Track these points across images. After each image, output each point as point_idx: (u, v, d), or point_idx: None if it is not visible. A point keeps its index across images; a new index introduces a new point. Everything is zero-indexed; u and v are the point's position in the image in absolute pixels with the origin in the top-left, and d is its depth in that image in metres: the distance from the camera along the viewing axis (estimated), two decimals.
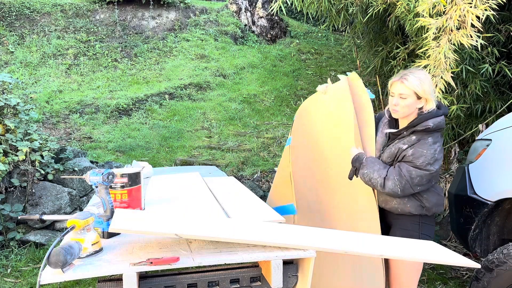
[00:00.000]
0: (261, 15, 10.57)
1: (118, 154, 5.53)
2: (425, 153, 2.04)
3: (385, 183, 2.09)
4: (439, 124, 2.08)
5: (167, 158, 5.49)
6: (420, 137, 2.09)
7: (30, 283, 3.23)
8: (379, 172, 2.12)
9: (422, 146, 2.06)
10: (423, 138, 2.08)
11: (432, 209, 2.14)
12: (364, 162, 2.18)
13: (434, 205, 2.14)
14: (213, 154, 5.55)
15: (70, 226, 1.45)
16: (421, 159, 2.04)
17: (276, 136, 6.08)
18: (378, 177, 2.10)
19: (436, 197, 2.15)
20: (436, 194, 2.17)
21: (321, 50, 10.14)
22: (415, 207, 2.14)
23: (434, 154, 2.04)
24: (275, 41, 10.53)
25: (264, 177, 4.77)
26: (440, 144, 2.10)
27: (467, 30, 2.94)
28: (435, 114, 2.09)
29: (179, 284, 1.52)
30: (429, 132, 2.08)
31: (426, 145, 2.05)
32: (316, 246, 1.55)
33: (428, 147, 2.05)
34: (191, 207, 2.16)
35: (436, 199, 2.15)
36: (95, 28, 9.04)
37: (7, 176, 3.78)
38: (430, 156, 2.03)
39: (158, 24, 9.63)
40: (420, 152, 2.05)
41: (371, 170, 2.14)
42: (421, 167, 2.03)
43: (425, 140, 2.07)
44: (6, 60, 7.68)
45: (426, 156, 2.03)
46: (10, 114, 3.92)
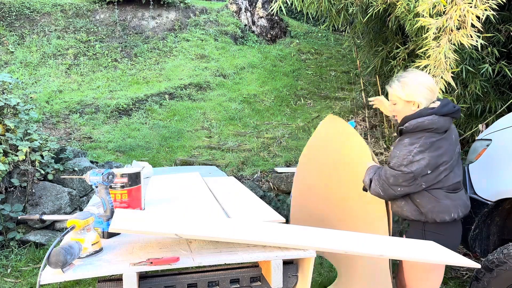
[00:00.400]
0: (261, 15, 10.57)
1: (118, 154, 5.53)
2: (398, 154, 2.02)
3: (370, 186, 2.14)
4: (420, 125, 1.99)
5: (167, 158, 5.49)
6: (400, 138, 2.09)
7: (30, 283, 3.23)
8: (367, 176, 2.17)
9: (397, 147, 2.06)
10: (401, 139, 2.08)
11: (429, 215, 2.04)
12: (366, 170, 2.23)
13: (430, 211, 2.04)
14: (213, 154, 5.55)
15: (70, 226, 1.45)
16: (394, 160, 2.03)
17: (276, 136, 6.08)
18: (367, 180, 2.15)
19: (433, 203, 2.03)
20: (434, 200, 2.04)
21: (321, 50, 10.14)
22: (411, 212, 2.09)
23: (408, 155, 1.97)
24: (275, 41, 10.53)
25: (264, 177, 4.76)
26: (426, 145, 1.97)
27: (467, 30, 2.94)
28: (418, 114, 2.02)
29: (179, 284, 1.52)
30: (407, 133, 2.06)
31: (400, 146, 2.04)
32: (316, 246, 1.55)
33: (402, 148, 2.02)
34: (191, 207, 2.16)
35: (432, 205, 2.03)
36: (95, 28, 9.03)
37: (7, 176, 3.78)
38: (403, 157, 1.99)
39: (158, 24, 9.63)
40: (394, 153, 2.06)
41: (366, 175, 2.19)
42: (394, 167, 2.02)
43: (402, 141, 2.05)
44: (6, 60, 7.68)
45: (398, 157, 2.02)
46: (10, 114, 3.92)
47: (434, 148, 1.99)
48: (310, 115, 6.94)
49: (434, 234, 2.07)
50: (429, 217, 2.05)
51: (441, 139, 2.02)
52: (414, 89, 2.03)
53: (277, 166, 5.01)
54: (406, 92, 2.05)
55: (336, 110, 7.01)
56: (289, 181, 4.55)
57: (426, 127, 1.99)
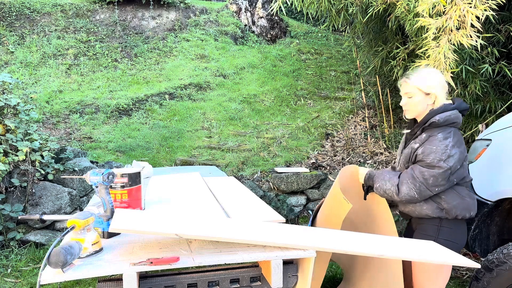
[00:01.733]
0: (261, 15, 10.57)
1: (118, 154, 5.53)
2: (435, 149, 1.96)
3: (399, 190, 2.03)
4: (449, 119, 2.01)
5: (167, 158, 5.49)
6: (430, 134, 2.03)
7: (30, 283, 3.23)
8: (391, 181, 2.07)
9: (431, 142, 1.99)
10: (432, 134, 2.01)
11: (452, 212, 2.03)
12: (375, 178, 2.16)
13: (454, 208, 2.03)
14: (213, 154, 5.55)
15: (70, 226, 1.45)
16: (431, 156, 1.96)
17: (276, 136, 6.08)
18: (391, 186, 2.05)
19: (457, 200, 2.04)
20: (459, 196, 2.04)
21: (321, 50, 10.13)
22: (432, 210, 2.06)
23: (446, 150, 1.95)
24: (275, 41, 10.52)
25: (264, 177, 4.77)
26: (455, 140, 2.00)
27: (467, 30, 2.94)
28: (444, 108, 2.04)
29: (179, 284, 1.52)
30: (437, 127, 2.02)
31: (435, 141, 1.98)
32: (316, 246, 1.56)
33: (437, 143, 1.97)
34: (191, 207, 2.17)
35: (457, 202, 2.03)
36: (95, 28, 9.04)
37: (7, 176, 3.78)
38: (441, 151, 1.94)
39: (158, 24, 9.63)
40: (430, 149, 1.98)
41: (382, 182, 2.10)
42: (432, 164, 1.95)
43: (434, 136, 2.00)
44: (6, 60, 7.68)
45: (436, 152, 1.95)
46: (10, 114, 3.92)
47: (460, 142, 2.02)
48: (310, 115, 6.94)
49: (449, 230, 2.07)
50: (452, 213, 2.04)
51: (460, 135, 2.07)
52: (435, 82, 2.05)
53: (277, 166, 5.01)
54: (428, 84, 2.04)
55: (336, 110, 7.01)
56: (289, 181, 4.55)
57: (453, 121, 2.02)
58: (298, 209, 4.57)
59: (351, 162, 5.25)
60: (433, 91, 2.04)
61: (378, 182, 2.13)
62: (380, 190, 2.12)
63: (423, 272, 2.12)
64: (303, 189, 4.62)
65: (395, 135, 5.55)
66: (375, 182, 2.16)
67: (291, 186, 4.55)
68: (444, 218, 2.07)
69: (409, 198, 2.03)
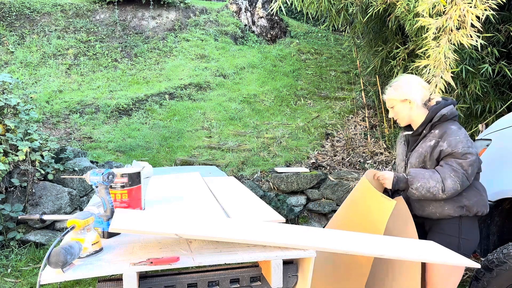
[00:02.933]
0: (261, 15, 10.57)
1: (118, 154, 5.53)
2: (459, 139, 1.99)
3: (445, 186, 1.98)
4: (453, 112, 2.09)
5: (167, 158, 5.49)
6: (444, 128, 2.06)
7: (30, 283, 3.23)
8: (433, 178, 2.01)
9: (451, 134, 2.02)
10: (447, 127, 2.05)
11: (473, 209, 2.03)
12: (410, 178, 2.06)
13: (475, 204, 2.03)
14: (213, 154, 5.55)
15: (70, 226, 1.45)
16: (460, 146, 1.98)
17: (276, 136, 6.08)
18: (436, 183, 1.99)
19: (478, 196, 2.05)
20: (478, 193, 2.06)
21: (321, 50, 10.13)
22: (454, 209, 2.04)
23: (467, 137, 2.01)
24: (275, 41, 10.52)
25: (264, 177, 4.76)
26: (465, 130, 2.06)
27: (467, 30, 2.94)
28: (444, 104, 2.11)
29: (179, 284, 1.52)
30: (448, 120, 2.08)
31: (454, 132, 2.02)
32: (316, 246, 1.55)
33: (457, 132, 2.02)
34: (191, 207, 2.16)
35: (477, 198, 2.04)
36: (95, 28, 9.03)
37: (7, 176, 3.78)
38: (465, 139, 1.99)
39: (158, 24, 9.63)
40: (455, 139, 2.00)
41: (424, 180, 2.02)
42: (464, 152, 1.97)
43: (450, 129, 2.04)
44: (6, 60, 7.68)
45: (461, 141, 1.99)
46: (10, 114, 3.93)
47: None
48: (310, 115, 6.94)
49: (469, 228, 2.07)
50: (473, 210, 2.03)
51: None
52: (405, 88, 2.14)
53: (277, 166, 5.01)
54: (399, 92, 2.16)
55: (336, 110, 7.01)
56: (289, 181, 4.55)
57: (455, 114, 2.11)
58: (298, 209, 4.57)
59: (351, 162, 5.25)
60: (406, 97, 2.14)
61: (417, 182, 2.03)
62: (421, 190, 2.02)
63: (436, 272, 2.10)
64: (303, 189, 4.62)
65: (395, 135, 5.55)
66: (412, 183, 2.04)
67: (291, 186, 4.55)
68: (464, 216, 2.05)
69: (454, 192, 1.99)
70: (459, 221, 2.06)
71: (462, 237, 2.06)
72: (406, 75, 2.24)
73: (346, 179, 4.63)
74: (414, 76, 2.22)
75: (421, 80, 2.20)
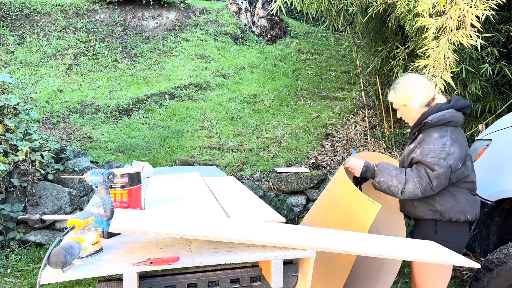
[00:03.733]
0: (261, 15, 10.57)
1: (118, 154, 5.53)
2: (433, 148, 1.96)
3: (405, 188, 1.98)
4: (443, 118, 2.01)
5: (167, 158, 5.49)
6: (426, 135, 2.04)
7: (30, 283, 3.23)
8: (398, 178, 2.01)
9: (428, 142, 1.99)
10: (428, 134, 2.02)
11: (445, 214, 2.01)
12: (377, 170, 2.08)
13: (448, 210, 2.01)
14: (213, 154, 5.55)
15: (70, 226, 1.45)
16: (431, 155, 1.94)
17: (276, 136, 6.08)
18: (398, 183, 2.00)
19: (452, 202, 2.01)
20: (453, 199, 2.02)
21: (321, 50, 10.13)
22: (425, 212, 2.06)
23: (444, 148, 1.94)
24: (275, 41, 10.52)
25: (264, 177, 4.76)
26: (453, 138, 1.99)
27: (467, 30, 2.94)
28: (439, 108, 2.05)
29: (179, 284, 1.52)
30: (432, 127, 2.02)
31: (432, 141, 1.98)
32: (316, 246, 1.55)
33: (434, 142, 1.97)
34: (191, 207, 2.16)
35: (451, 204, 2.01)
36: (95, 28, 9.04)
37: (7, 176, 3.78)
38: (439, 150, 1.94)
39: (158, 24, 9.63)
40: (427, 148, 1.97)
41: (388, 177, 2.04)
42: (432, 163, 1.93)
43: (430, 136, 2.00)
44: (6, 60, 7.68)
45: (434, 151, 1.95)
46: (10, 114, 3.93)
47: (459, 141, 2.01)
48: (310, 115, 6.94)
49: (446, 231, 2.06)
50: (446, 216, 2.02)
51: (461, 134, 2.07)
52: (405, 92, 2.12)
53: (277, 166, 5.01)
54: (398, 97, 2.15)
55: (336, 110, 7.01)
56: (289, 181, 4.56)
57: (448, 120, 2.02)
58: (298, 209, 4.57)
59: None
60: (405, 103, 2.13)
61: (382, 176, 2.05)
62: (383, 185, 2.05)
63: (423, 273, 2.11)
64: (303, 189, 4.62)
65: (395, 135, 5.55)
66: (377, 175, 2.07)
67: (291, 186, 4.56)
68: (439, 220, 2.06)
69: (412, 197, 1.99)
70: (435, 224, 2.07)
71: (438, 238, 2.05)
72: (408, 76, 2.17)
73: None
74: (416, 77, 2.16)
75: (423, 81, 2.13)
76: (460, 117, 2.06)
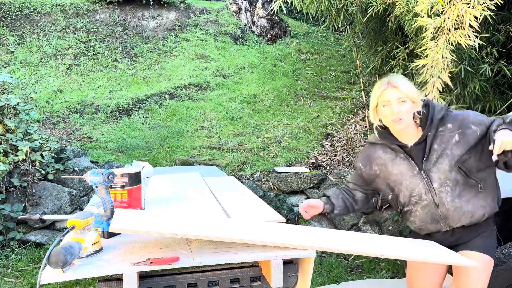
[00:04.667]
0: (261, 15, 10.57)
1: (118, 154, 5.53)
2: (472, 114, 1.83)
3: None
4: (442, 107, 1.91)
5: (167, 158, 5.50)
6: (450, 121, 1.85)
7: (30, 283, 3.23)
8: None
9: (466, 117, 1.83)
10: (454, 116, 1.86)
11: (499, 202, 1.94)
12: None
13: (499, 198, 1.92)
14: (213, 154, 5.55)
15: (70, 226, 1.45)
16: (485, 118, 1.81)
17: (276, 136, 6.08)
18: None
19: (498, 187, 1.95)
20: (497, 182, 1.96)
21: (321, 50, 10.13)
22: (494, 205, 1.93)
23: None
24: (275, 41, 10.53)
25: (264, 177, 4.77)
26: None
27: (465, 30, 2.95)
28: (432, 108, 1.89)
29: (179, 284, 1.52)
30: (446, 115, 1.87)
31: (459, 115, 1.85)
32: (316, 246, 1.56)
33: (460, 114, 1.86)
34: (191, 207, 2.17)
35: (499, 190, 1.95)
36: (95, 28, 9.04)
37: (7, 176, 3.78)
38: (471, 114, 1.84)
39: (158, 24, 9.63)
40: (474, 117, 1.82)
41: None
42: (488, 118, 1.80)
43: (456, 117, 1.85)
44: (6, 60, 7.68)
45: (473, 115, 1.82)
46: (10, 114, 3.93)
47: None
48: (310, 115, 6.94)
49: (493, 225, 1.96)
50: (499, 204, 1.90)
51: None
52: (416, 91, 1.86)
53: (277, 166, 5.01)
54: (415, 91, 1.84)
55: (336, 110, 7.01)
56: (289, 181, 4.56)
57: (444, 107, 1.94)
58: (298, 209, 4.57)
59: (351, 162, 5.25)
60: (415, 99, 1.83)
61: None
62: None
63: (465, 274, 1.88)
64: (303, 189, 4.62)
65: None
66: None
67: (291, 186, 4.56)
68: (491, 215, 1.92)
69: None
70: (494, 219, 1.93)
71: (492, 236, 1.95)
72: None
73: (346, 179, 4.63)
74: None
75: None
76: None
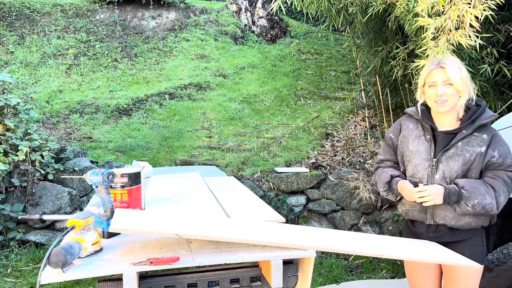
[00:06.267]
0: (261, 15, 10.57)
1: (118, 154, 5.53)
2: (507, 149, 1.79)
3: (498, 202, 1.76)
4: (493, 116, 1.87)
5: (167, 158, 5.49)
6: (491, 133, 1.82)
7: (30, 283, 3.23)
8: (489, 194, 1.75)
9: (501, 143, 1.81)
10: (494, 133, 1.83)
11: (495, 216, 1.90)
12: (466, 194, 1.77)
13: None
14: (213, 154, 5.55)
15: (70, 226, 1.45)
16: (509, 157, 1.79)
17: (276, 136, 6.08)
18: (492, 200, 1.75)
19: None
20: None
21: (321, 50, 10.14)
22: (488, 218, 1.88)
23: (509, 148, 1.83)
24: (275, 41, 10.53)
25: (264, 177, 4.77)
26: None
27: (466, 30, 2.94)
28: (483, 108, 1.87)
29: (179, 284, 1.52)
30: (490, 125, 1.86)
31: (502, 141, 1.82)
32: (316, 246, 1.56)
33: (504, 141, 1.81)
34: (191, 207, 2.17)
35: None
36: (95, 28, 9.04)
37: (7, 176, 3.78)
38: (509, 149, 1.81)
39: (158, 24, 9.63)
40: (504, 149, 1.79)
41: (481, 197, 1.75)
42: (510, 164, 1.78)
43: (497, 136, 1.83)
44: (6, 60, 7.68)
45: (509, 152, 1.79)
46: (10, 114, 3.93)
47: None
48: (310, 115, 6.94)
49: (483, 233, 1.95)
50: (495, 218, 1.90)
51: None
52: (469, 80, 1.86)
53: (277, 166, 5.01)
54: (466, 80, 1.87)
55: (336, 110, 7.01)
56: (289, 181, 4.56)
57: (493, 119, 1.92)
58: (298, 209, 4.57)
59: (351, 162, 5.25)
60: (465, 91, 1.85)
61: (475, 198, 1.75)
62: (477, 207, 1.76)
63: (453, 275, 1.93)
64: (303, 189, 4.62)
65: None
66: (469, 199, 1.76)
67: (291, 186, 4.56)
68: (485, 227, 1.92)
69: (500, 208, 1.78)
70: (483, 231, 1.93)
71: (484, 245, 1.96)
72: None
73: (346, 179, 4.63)
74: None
75: None
76: None
